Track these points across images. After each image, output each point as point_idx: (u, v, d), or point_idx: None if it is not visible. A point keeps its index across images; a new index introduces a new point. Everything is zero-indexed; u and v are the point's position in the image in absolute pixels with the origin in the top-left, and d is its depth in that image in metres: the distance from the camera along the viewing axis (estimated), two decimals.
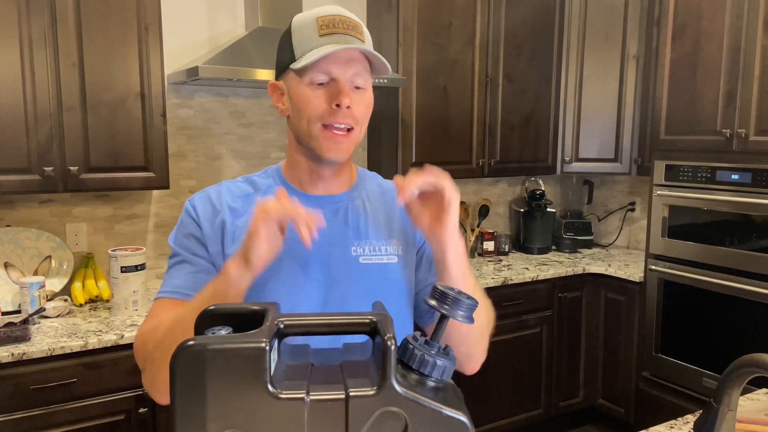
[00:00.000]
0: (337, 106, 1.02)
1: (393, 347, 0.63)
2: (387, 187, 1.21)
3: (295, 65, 1.02)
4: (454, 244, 0.98)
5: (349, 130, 1.05)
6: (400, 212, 1.16)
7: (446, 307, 0.73)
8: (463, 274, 1.00)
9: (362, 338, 0.72)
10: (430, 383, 0.67)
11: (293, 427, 0.61)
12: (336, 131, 1.04)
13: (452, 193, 0.95)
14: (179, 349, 0.61)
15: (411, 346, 0.68)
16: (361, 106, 1.05)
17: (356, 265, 1.09)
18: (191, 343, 0.61)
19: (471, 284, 1.03)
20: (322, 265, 1.08)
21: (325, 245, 1.08)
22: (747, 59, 2.67)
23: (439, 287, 0.74)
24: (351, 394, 0.62)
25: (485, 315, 1.11)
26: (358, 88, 1.05)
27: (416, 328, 1.23)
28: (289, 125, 1.11)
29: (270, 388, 0.61)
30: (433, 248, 1.01)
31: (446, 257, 0.98)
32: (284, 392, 0.61)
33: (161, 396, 0.98)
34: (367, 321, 0.68)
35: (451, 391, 0.68)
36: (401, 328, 1.13)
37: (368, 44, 1.07)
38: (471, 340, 1.08)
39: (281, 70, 1.08)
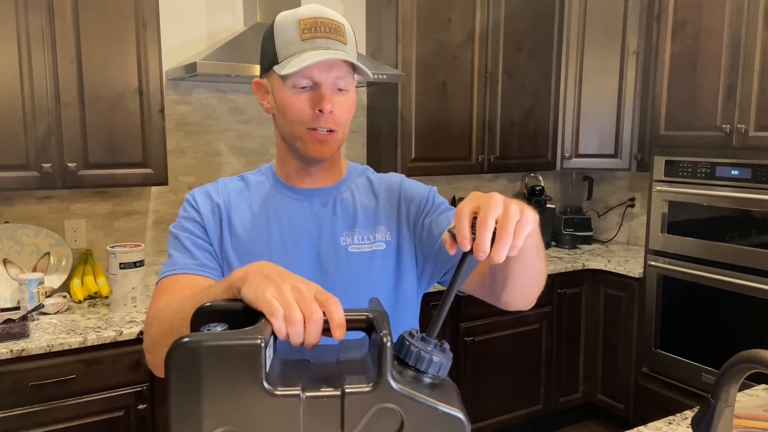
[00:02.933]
0: (320, 111, 1.04)
1: (389, 344, 0.63)
2: (376, 178, 1.23)
3: (279, 70, 1.04)
4: None
5: (332, 131, 1.07)
6: (386, 198, 1.19)
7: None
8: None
9: (359, 334, 0.72)
10: (427, 380, 0.67)
11: (289, 424, 0.61)
12: (320, 133, 1.06)
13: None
14: (174, 346, 0.61)
15: (407, 343, 0.68)
16: (342, 109, 1.07)
17: (345, 255, 1.12)
18: (186, 340, 0.61)
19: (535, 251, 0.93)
20: (312, 256, 1.11)
21: (314, 236, 1.12)
22: (747, 54, 2.67)
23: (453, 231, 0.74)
24: (346, 390, 0.62)
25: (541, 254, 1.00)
26: (340, 90, 1.06)
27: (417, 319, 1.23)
28: (274, 123, 1.14)
29: (265, 384, 0.61)
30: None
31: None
32: (280, 389, 0.61)
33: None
34: (363, 317, 0.68)
35: (448, 388, 0.68)
36: (394, 314, 1.14)
37: (350, 45, 1.07)
38: (534, 272, 0.97)
39: (265, 69, 1.10)
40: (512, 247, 0.72)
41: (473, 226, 0.73)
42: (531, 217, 0.74)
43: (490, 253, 0.71)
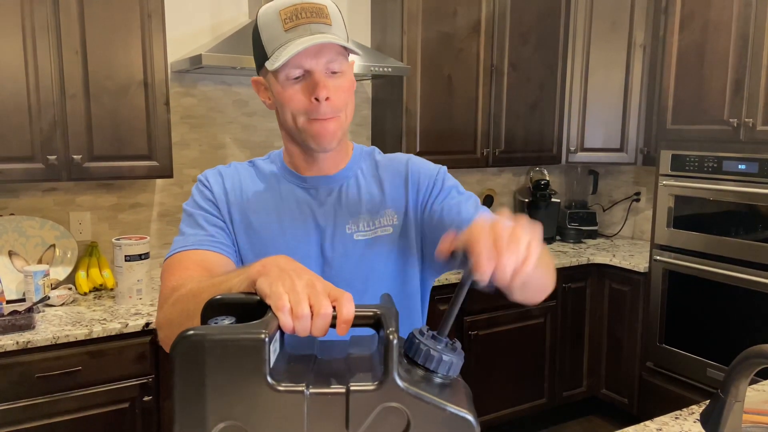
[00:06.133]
0: (317, 100, 1.02)
1: (395, 341, 0.62)
2: (382, 159, 1.22)
3: (269, 66, 1.02)
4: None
5: (333, 117, 1.06)
6: (392, 181, 1.17)
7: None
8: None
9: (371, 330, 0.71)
10: (437, 379, 0.66)
11: (292, 420, 0.60)
12: (320, 120, 1.05)
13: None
14: (178, 339, 0.60)
15: (417, 341, 0.67)
16: (340, 93, 1.05)
17: (351, 242, 1.12)
18: (191, 333, 0.60)
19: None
20: (318, 245, 1.12)
21: (320, 226, 1.13)
22: (755, 48, 2.64)
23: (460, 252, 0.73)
24: (351, 388, 0.61)
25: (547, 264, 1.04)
26: (334, 72, 1.04)
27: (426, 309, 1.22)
28: (277, 118, 1.13)
29: (269, 380, 0.60)
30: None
31: None
32: (283, 385, 0.60)
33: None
34: (371, 314, 0.67)
35: (458, 388, 0.67)
36: (402, 302, 1.14)
37: (336, 25, 1.04)
38: (540, 284, 1.01)
39: (259, 65, 1.09)
40: (523, 274, 0.74)
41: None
42: (538, 245, 0.75)
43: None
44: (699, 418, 1.07)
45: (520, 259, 0.72)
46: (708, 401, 1.05)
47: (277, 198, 1.14)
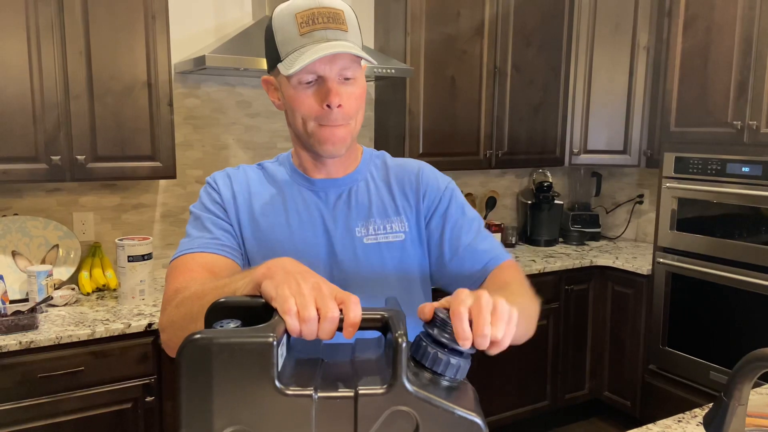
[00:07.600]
0: (328, 107, 1.02)
1: (404, 345, 0.62)
2: (393, 164, 1.22)
3: (282, 70, 1.02)
4: None
5: (344, 124, 1.06)
6: (402, 187, 1.17)
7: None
8: None
9: (376, 333, 0.71)
10: (444, 382, 0.66)
11: (300, 424, 0.60)
12: (330, 127, 1.05)
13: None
14: (185, 343, 0.60)
15: (424, 344, 0.67)
16: (352, 100, 1.05)
17: (360, 246, 1.11)
18: (197, 336, 0.60)
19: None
20: (327, 248, 1.11)
21: (330, 229, 1.12)
22: (759, 50, 2.64)
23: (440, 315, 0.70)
24: (360, 392, 0.61)
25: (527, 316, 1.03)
26: (347, 79, 1.04)
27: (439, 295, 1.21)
28: (287, 119, 1.13)
29: (277, 384, 0.60)
30: None
31: None
32: (291, 388, 0.60)
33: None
34: (378, 317, 0.67)
35: (466, 391, 0.67)
36: (411, 306, 1.13)
37: (352, 31, 1.04)
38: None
39: (271, 66, 1.08)
40: (506, 336, 0.72)
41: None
42: (515, 314, 0.74)
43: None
44: (702, 421, 1.07)
45: (498, 333, 0.70)
46: (711, 404, 1.05)
47: (286, 200, 1.14)
